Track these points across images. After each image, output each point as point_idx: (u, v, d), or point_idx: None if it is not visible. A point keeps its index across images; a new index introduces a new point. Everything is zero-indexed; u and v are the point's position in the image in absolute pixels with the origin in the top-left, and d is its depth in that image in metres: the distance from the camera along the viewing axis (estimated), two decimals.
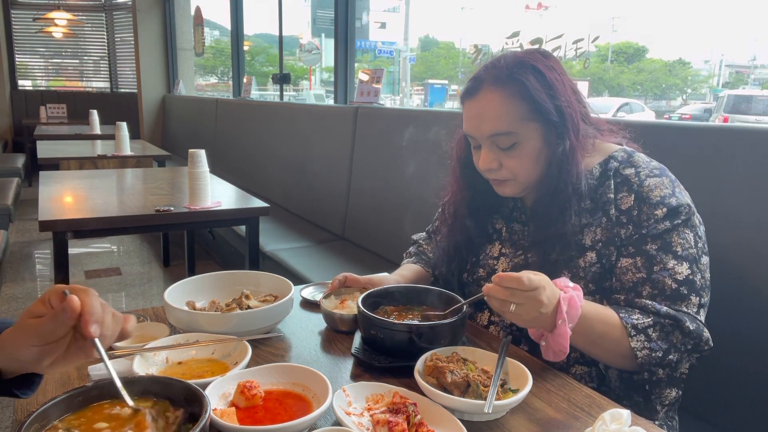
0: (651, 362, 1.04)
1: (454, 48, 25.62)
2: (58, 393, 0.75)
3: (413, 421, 0.82)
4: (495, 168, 1.18)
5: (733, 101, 13.22)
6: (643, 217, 1.12)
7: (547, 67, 1.15)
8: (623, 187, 1.16)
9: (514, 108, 1.13)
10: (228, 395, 0.89)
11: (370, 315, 1.08)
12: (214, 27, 16.17)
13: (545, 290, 0.94)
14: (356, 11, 4.00)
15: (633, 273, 1.11)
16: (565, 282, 1.00)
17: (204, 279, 1.29)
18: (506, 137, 1.15)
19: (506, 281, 0.93)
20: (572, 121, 1.15)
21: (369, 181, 3.07)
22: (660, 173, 1.16)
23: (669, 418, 1.19)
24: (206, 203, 2.40)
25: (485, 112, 1.16)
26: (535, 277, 0.94)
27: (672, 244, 1.10)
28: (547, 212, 1.17)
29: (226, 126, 5.48)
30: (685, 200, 1.13)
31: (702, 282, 1.11)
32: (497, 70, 1.16)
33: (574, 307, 0.97)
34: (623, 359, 1.07)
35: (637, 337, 1.04)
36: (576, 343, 1.05)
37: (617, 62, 24.41)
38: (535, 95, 1.12)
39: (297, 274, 2.62)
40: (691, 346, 1.06)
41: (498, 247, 1.33)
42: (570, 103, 1.15)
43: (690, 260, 1.10)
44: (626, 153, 1.21)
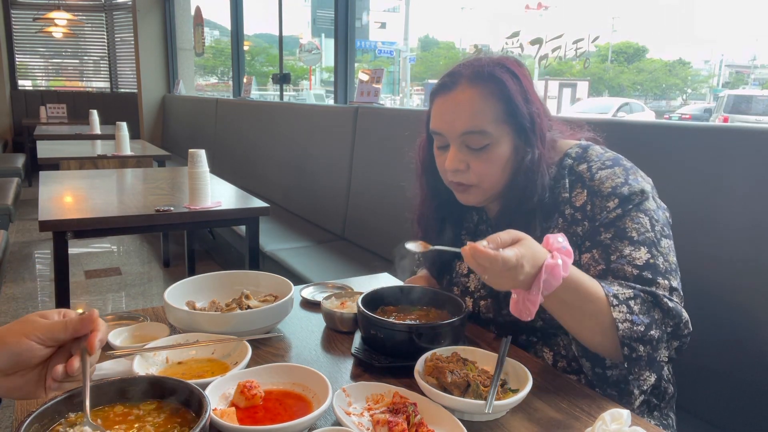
0: (632, 336, 0.98)
1: (454, 48, 25.63)
2: (58, 393, 0.75)
3: (413, 421, 0.82)
4: (462, 169, 1.14)
5: (733, 101, 13.23)
6: (597, 210, 1.10)
7: (522, 74, 1.14)
8: (577, 184, 1.14)
9: (491, 107, 1.11)
10: (228, 395, 0.89)
11: (370, 315, 1.08)
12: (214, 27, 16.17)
13: (523, 268, 0.90)
14: (356, 11, 4.00)
15: (594, 267, 1.09)
16: (559, 243, 0.95)
17: (204, 279, 1.29)
18: (479, 137, 1.11)
19: (480, 259, 0.89)
20: (541, 130, 1.13)
21: (369, 181, 3.07)
22: (612, 164, 1.13)
23: (665, 416, 1.19)
24: (206, 203, 2.40)
25: (460, 108, 1.12)
26: (512, 255, 0.88)
27: (626, 230, 1.07)
28: (512, 223, 1.10)
29: (226, 126, 5.48)
30: (638, 187, 1.09)
31: (666, 266, 1.06)
32: (477, 68, 1.13)
33: (555, 277, 0.92)
34: (602, 336, 1.01)
35: (619, 307, 0.98)
36: (558, 313, 1.01)
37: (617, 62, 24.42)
38: (513, 97, 1.11)
39: (297, 274, 2.62)
40: (671, 329, 1.01)
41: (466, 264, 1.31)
42: (540, 112, 1.14)
43: (648, 244, 1.06)
44: (581, 148, 1.19)
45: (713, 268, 1.38)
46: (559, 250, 0.94)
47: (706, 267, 1.39)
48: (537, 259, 0.92)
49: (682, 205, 1.44)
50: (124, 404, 0.79)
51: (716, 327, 1.35)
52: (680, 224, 1.27)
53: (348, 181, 3.23)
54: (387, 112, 3.09)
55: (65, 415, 0.74)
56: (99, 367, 0.98)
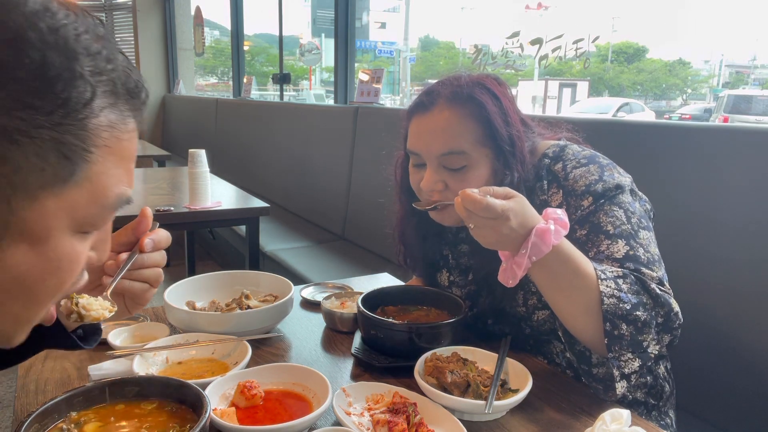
0: (616, 312, 0.94)
1: (454, 48, 25.65)
2: (58, 393, 0.76)
3: (413, 421, 0.82)
4: (440, 189, 1.11)
5: (733, 101, 13.23)
6: (571, 210, 1.08)
7: (501, 93, 1.12)
8: (553, 185, 1.12)
9: (470, 129, 1.08)
10: (228, 395, 0.89)
11: (370, 315, 1.08)
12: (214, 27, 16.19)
13: (508, 221, 0.88)
14: (356, 11, 4.00)
15: None
16: (555, 214, 0.92)
17: (204, 279, 1.29)
18: (458, 157, 1.09)
19: (466, 202, 0.87)
20: (521, 152, 1.11)
21: (369, 181, 3.07)
22: (588, 162, 1.11)
23: (664, 414, 1.19)
24: (206, 203, 2.40)
25: (439, 129, 1.09)
26: (499, 204, 0.87)
27: (600, 224, 1.05)
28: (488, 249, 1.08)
29: (226, 126, 5.48)
30: (613, 182, 1.07)
31: (648, 256, 1.02)
32: (456, 87, 1.10)
33: (545, 242, 0.90)
34: (586, 314, 0.96)
35: (606, 282, 0.95)
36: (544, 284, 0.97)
37: (617, 62, 24.42)
38: (493, 119, 1.08)
39: (297, 274, 2.62)
40: (662, 318, 0.98)
41: (446, 275, 1.30)
42: (520, 135, 1.11)
43: (625, 236, 1.03)
44: (558, 148, 1.17)
45: (712, 268, 1.38)
46: (555, 219, 0.91)
47: (705, 266, 1.39)
48: (527, 218, 0.90)
49: (681, 204, 1.44)
50: (125, 404, 0.79)
51: (715, 326, 1.35)
52: (680, 224, 1.27)
53: (348, 181, 3.23)
54: (387, 112, 3.09)
55: (66, 414, 0.74)
56: (99, 367, 0.99)
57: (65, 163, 0.49)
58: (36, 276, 0.52)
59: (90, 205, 0.52)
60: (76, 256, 0.54)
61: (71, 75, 0.48)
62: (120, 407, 0.78)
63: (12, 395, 2.57)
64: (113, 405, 0.78)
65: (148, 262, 0.77)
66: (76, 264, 0.55)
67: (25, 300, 0.54)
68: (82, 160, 0.50)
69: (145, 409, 0.78)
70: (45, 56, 0.46)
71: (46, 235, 0.51)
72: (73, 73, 0.48)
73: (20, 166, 0.47)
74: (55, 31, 0.47)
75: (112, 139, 0.52)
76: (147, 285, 0.78)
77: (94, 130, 0.50)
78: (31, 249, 0.51)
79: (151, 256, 0.78)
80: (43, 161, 0.47)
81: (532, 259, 0.90)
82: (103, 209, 0.54)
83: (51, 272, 0.53)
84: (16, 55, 0.45)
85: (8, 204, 0.47)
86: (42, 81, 0.46)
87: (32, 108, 0.46)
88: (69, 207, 0.51)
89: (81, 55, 0.48)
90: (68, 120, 0.48)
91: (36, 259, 0.51)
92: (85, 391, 0.76)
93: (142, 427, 0.74)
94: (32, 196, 0.48)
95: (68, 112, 0.48)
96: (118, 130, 0.52)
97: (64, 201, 0.50)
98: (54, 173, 0.49)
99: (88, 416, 0.75)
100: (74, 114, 0.48)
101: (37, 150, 0.47)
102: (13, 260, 0.50)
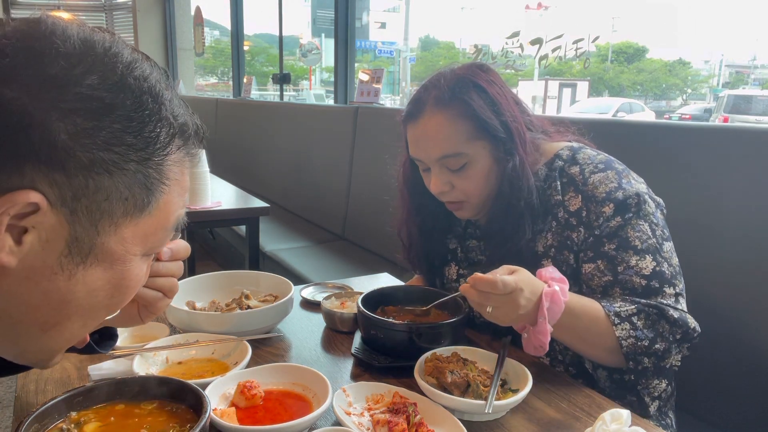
0: (636, 351, 1.01)
1: (454, 48, 25.64)
2: (58, 393, 0.76)
3: (413, 421, 0.82)
4: (447, 191, 1.15)
5: (733, 101, 13.24)
6: (593, 216, 1.10)
7: (487, 82, 1.13)
8: (569, 188, 1.14)
9: (460, 129, 1.10)
10: (228, 395, 0.89)
11: (370, 315, 1.08)
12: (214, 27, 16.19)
13: (523, 292, 0.92)
14: (356, 11, 4.00)
15: (599, 278, 1.09)
16: (551, 273, 0.97)
17: (204, 279, 1.29)
18: (455, 159, 1.11)
19: (480, 284, 0.91)
20: (519, 135, 1.12)
21: (369, 181, 3.07)
22: (605, 167, 1.13)
23: (664, 416, 1.19)
24: (206, 203, 2.40)
25: (431, 136, 1.12)
26: (511, 278, 0.91)
27: (629, 239, 1.07)
28: (502, 230, 1.14)
29: (226, 126, 5.48)
30: (633, 190, 1.09)
31: (671, 270, 1.07)
32: (438, 91, 1.12)
33: (557, 303, 0.94)
34: (609, 354, 1.04)
35: (621, 325, 1.01)
36: (561, 338, 1.03)
37: (617, 62, 24.42)
38: (480, 113, 1.09)
39: (297, 274, 2.62)
40: (680, 336, 1.03)
41: (455, 269, 1.31)
42: (515, 117, 1.12)
43: (652, 251, 1.06)
44: (571, 150, 1.18)
45: (713, 268, 1.38)
46: (553, 278, 0.96)
47: (705, 267, 1.39)
48: (535, 286, 0.94)
49: (681, 205, 1.44)
50: (125, 404, 0.79)
51: (715, 327, 1.35)
52: (680, 224, 1.27)
53: (348, 181, 3.23)
54: (387, 112, 3.09)
55: (66, 414, 0.74)
56: (99, 367, 0.99)
57: (146, 193, 0.55)
58: (105, 294, 0.58)
59: (158, 231, 0.59)
60: (142, 277, 0.62)
61: (159, 117, 0.55)
62: (120, 407, 0.78)
63: (12, 395, 2.57)
64: (113, 405, 0.78)
65: (164, 270, 0.78)
66: (141, 283, 0.62)
67: (87, 318, 0.60)
68: (159, 192, 0.57)
69: (145, 409, 0.78)
70: (141, 100, 0.53)
71: (122, 259, 0.57)
72: (160, 116, 0.55)
73: (110, 195, 0.53)
74: (146, 79, 0.54)
75: (179, 174, 0.59)
76: (160, 294, 0.78)
77: (170, 166, 0.57)
78: (109, 269, 0.57)
79: (167, 265, 0.78)
80: (129, 191, 0.54)
81: (551, 323, 0.95)
82: (166, 232, 0.61)
83: (120, 290, 0.59)
84: (120, 98, 0.52)
85: (95, 227, 0.53)
86: (138, 122, 0.53)
87: (127, 145, 0.52)
88: (143, 234, 0.58)
89: (166, 100, 0.56)
90: (153, 156, 0.55)
91: (111, 277, 0.57)
92: (85, 391, 0.76)
93: (142, 427, 0.74)
94: (116, 222, 0.55)
95: (155, 150, 0.55)
96: (184, 166, 0.60)
97: (140, 229, 0.57)
98: (135, 203, 0.55)
99: (88, 416, 0.75)
100: (159, 151, 0.55)
101: (125, 181, 0.53)
102: (92, 278, 0.56)
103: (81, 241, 0.53)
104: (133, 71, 0.53)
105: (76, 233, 0.52)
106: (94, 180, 0.51)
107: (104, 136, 0.51)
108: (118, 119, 0.52)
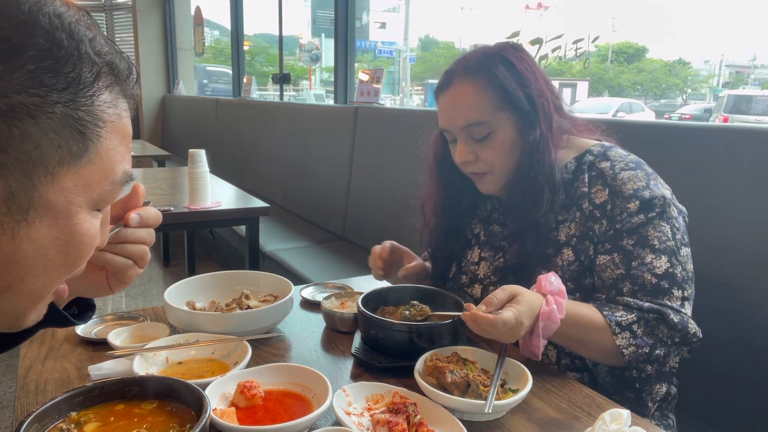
0: (638, 359, 1.04)
1: (454, 48, 25.64)
2: (58, 393, 0.76)
3: (413, 421, 0.82)
4: (471, 160, 1.18)
5: (733, 101, 13.23)
6: (617, 211, 1.12)
7: (517, 58, 1.17)
8: (598, 181, 1.16)
9: (485, 98, 1.14)
10: (228, 395, 0.89)
11: (370, 315, 1.08)
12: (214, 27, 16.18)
13: (522, 324, 0.95)
14: (356, 11, 4.00)
15: (612, 270, 1.11)
16: (551, 285, 0.99)
17: (204, 279, 1.29)
18: (479, 127, 1.15)
19: (481, 323, 0.93)
20: (543, 111, 1.15)
21: (369, 181, 3.07)
22: (636, 166, 1.15)
23: (665, 416, 1.19)
24: (206, 203, 2.40)
25: (458, 104, 1.16)
26: (511, 316, 0.93)
27: (648, 237, 1.09)
28: (521, 202, 1.17)
29: (226, 126, 5.48)
30: (659, 192, 1.11)
31: (683, 274, 1.09)
32: (468, 62, 1.17)
33: (554, 321, 0.97)
34: (610, 356, 1.07)
35: (622, 334, 1.03)
36: (564, 344, 1.07)
37: (617, 62, 24.41)
38: (505, 84, 1.13)
39: (297, 274, 2.62)
40: (679, 339, 1.05)
41: (477, 251, 1.32)
42: (541, 93, 1.15)
43: (668, 253, 1.08)
44: (603, 147, 1.21)
45: (712, 269, 1.38)
46: (552, 292, 0.98)
47: (706, 268, 1.39)
48: (534, 310, 0.97)
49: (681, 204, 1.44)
50: (125, 404, 0.79)
51: (717, 328, 1.35)
52: None
53: (348, 181, 3.23)
54: (387, 112, 3.09)
55: (66, 414, 0.74)
56: (99, 367, 0.99)
57: (80, 138, 0.53)
58: (58, 249, 0.55)
59: (102, 181, 0.56)
60: (95, 232, 0.59)
61: (78, 55, 0.52)
62: (120, 407, 0.78)
63: (12, 395, 2.57)
64: (113, 405, 0.78)
65: (132, 237, 0.75)
66: (94, 239, 0.59)
67: (45, 276, 0.57)
68: (94, 136, 0.54)
69: (145, 409, 0.78)
70: (55, 38, 0.50)
71: (67, 211, 0.54)
72: (80, 54, 0.52)
73: (39, 143, 0.50)
74: (59, 16, 0.51)
75: (115, 117, 0.56)
76: (131, 261, 0.76)
77: (101, 107, 0.54)
78: (55, 224, 0.54)
79: (135, 232, 0.75)
80: (59, 137, 0.51)
81: (544, 338, 0.98)
82: (113, 185, 0.58)
83: (73, 246, 0.57)
84: (30, 37, 0.49)
85: (30, 180, 0.51)
86: (54, 60, 0.50)
87: (46, 86, 0.49)
88: (85, 183, 0.55)
89: (84, 37, 0.53)
90: (79, 97, 0.52)
91: (59, 233, 0.55)
92: (85, 391, 0.76)
93: (142, 427, 0.74)
94: (52, 172, 0.52)
95: (78, 89, 0.52)
96: (119, 108, 0.57)
97: (81, 177, 0.54)
98: (70, 149, 0.52)
99: (88, 416, 0.75)
100: (84, 91, 0.52)
101: (53, 126, 0.50)
102: (37, 234, 0.53)
103: (18, 197, 0.51)
104: (43, 8, 0.51)
105: (11, 188, 0.50)
106: (18, 128, 0.49)
107: (18, 78, 0.48)
108: (32, 59, 0.49)
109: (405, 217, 1.50)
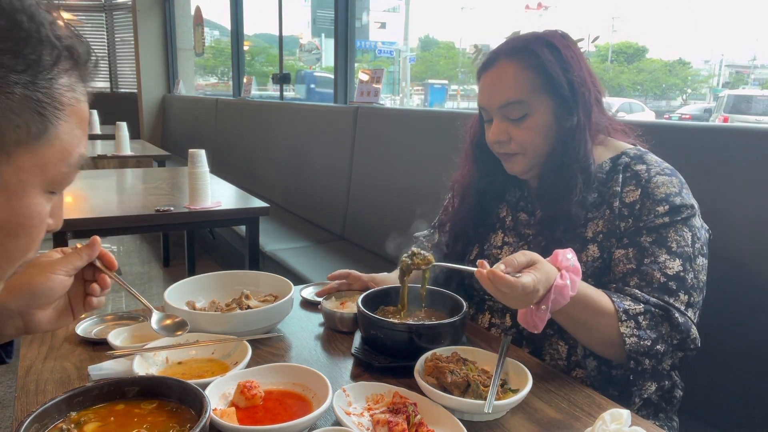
0: (638, 350, 1.02)
1: (454, 48, 25.62)
2: (58, 393, 0.76)
3: (413, 421, 0.82)
4: (504, 140, 1.18)
5: (733, 101, 13.22)
6: (645, 211, 1.12)
7: (563, 45, 1.17)
8: (631, 182, 1.16)
9: (527, 78, 1.15)
10: (228, 395, 0.89)
11: (370, 315, 1.08)
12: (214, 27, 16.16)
13: (538, 292, 0.92)
14: (356, 11, 4.00)
15: (624, 264, 1.11)
16: (567, 261, 0.97)
17: (204, 279, 1.29)
18: (517, 107, 1.15)
19: (500, 284, 0.90)
20: (584, 100, 1.15)
21: (369, 181, 3.07)
22: (671, 173, 1.16)
23: (669, 419, 1.19)
24: (206, 203, 2.40)
25: (499, 83, 1.17)
26: (530, 281, 0.90)
27: (667, 239, 1.09)
28: (553, 189, 1.17)
29: (226, 126, 5.48)
30: (690, 202, 1.12)
31: (694, 282, 1.09)
32: (514, 43, 1.19)
33: (564, 296, 0.95)
34: (609, 346, 1.05)
35: (627, 323, 1.02)
36: (566, 325, 1.06)
37: (617, 62, 24.40)
38: (548, 67, 1.13)
39: (297, 274, 2.61)
40: (678, 341, 1.05)
41: (501, 236, 1.32)
42: (583, 81, 1.16)
43: (684, 258, 1.08)
44: (639, 151, 1.21)
45: (712, 269, 1.38)
46: (567, 268, 0.96)
47: (707, 270, 1.39)
48: (549, 281, 0.95)
49: None
50: (125, 404, 0.79)
51: (717, 328, 1.35)
52: None
53: (348, 181, 3.23)
54: (387, 112, 3.09)
55: (66, 414, 0.74)
56: (99, 367, 0.99)
57: (39, 119, 0.53)
58: (9, 231, 0.56)
59: (59, 163, 0.57)
60: (46, 214, 0.59)
61: (39, 38, 0.52)
62: (120, 407, 0.78)
63: (12, 395, 2.57)
64: (113, 405, 0.78)
65: None
66: (44, 223, 0.59)
67: None
68: (54, 118, 0.54)
69: (145, 409, 0.78)
70: (15, 19, 0.50)
71: (20, 191, 0.55)
72: (40, 36, 0.52)
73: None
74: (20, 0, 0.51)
75: (73, 100, 0.57)
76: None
77: (60, 90, 0.55)
78: (6, 203, 0.54)
79: None
80: (18, 117, 0.51)
81: (551, 312, 0.96)
82: (69, 167, 0.59)
83: (24, 228, 0.57)
84: None
85: None
86: (14, 42, 0.50)
87: (6, 67, 0.50)
88: (41, 164, 0.55)
89: (45, 20, 0.53)
90: (38, 79, 0.52)
91: (10, 213, 0.55)
92: (85, 391, 0.76)
93: (142, 427, 0.74)
94: (8, 151, 0.52)
95: (38, 71, 0.52)
96: (78, 92, 0.58)
97: (38, 158, 0.55)
98: (28, 130, 0.53)
99: (88, 416, 0.75)
100: (44, 74, 0.53)
101: (12, 106, 0.51)
102: None
103: None
104: None
105: None
106: None
107: None
108: None
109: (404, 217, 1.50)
